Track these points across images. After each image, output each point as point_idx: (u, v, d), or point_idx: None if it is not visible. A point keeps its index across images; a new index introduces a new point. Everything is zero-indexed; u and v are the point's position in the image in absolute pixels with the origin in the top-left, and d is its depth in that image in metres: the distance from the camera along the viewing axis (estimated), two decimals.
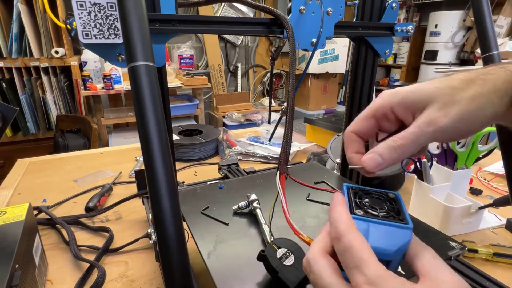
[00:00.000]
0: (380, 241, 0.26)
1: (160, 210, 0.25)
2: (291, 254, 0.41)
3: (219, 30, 0.46)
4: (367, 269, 0.24)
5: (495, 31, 0.53)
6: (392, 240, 0.26)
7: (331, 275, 0.26)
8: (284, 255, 0.41)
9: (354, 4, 0.55)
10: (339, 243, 0.26)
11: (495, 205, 0.70)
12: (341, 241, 0.25)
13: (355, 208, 0.28)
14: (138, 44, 0.28)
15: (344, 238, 0.25)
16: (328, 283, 0.25)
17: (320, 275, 0.26)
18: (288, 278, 0.39)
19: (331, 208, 0.28)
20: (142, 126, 0.27)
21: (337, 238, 0.26)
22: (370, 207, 0.29)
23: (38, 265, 0.55)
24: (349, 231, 0.26)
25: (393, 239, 0.26)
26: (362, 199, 0.29)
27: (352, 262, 0.24)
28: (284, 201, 0.35)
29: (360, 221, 0.27)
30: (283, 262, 0.40)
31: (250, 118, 3.04)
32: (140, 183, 0.75)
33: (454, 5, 2.96)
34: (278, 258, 0.41)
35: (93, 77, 2.39)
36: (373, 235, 0.26)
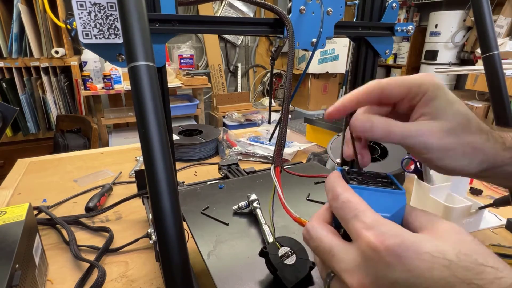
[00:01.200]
0: (375, 207, 0.26)
1: (160, 210, 0.25)
2: (293, 254, 0.41)
3: (219, 30, 0.46)
4: (364, 216, 0.24)
5: (495, 31, 0.53)
6: (387, 205, 0.27)
7: (331, 237, 0.26)
8: (286, 254, 0.41)
9: (354, 4, 0.55)
10: (336, 200, 0.26)
11: (495, 205, 0.70)
12: (338, 198, 0.26)
13: (349, 180, 0.29)
14: (138, 44, 0.28)
15: (341, 195, 0.26)
16: (329, 244, 0.26)
17: (321, 239, 0.26)
18: (287, 277, 0.39)
19: (326, 180, 0.29)
20: (142, 126, 0.27)
21: (334, 198, 0.27)
22: (364, 181, 0.29)
23: (38, 265, 0.55)
24: (346, 189, 0.27)
25: (387, 204, 0.27)
26: (356, 177, 0.30)
27: (350, 213, 0.25)
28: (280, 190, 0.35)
29: (355, 188, 0.27)
30: (283, 261, 0.40)
31: (250, 118, 3.04)
32: (140, 183, 0.75)
33: (454, 5, 2.96)
34: (279, 256, 0.41)
35: (93, 77, 2.39)
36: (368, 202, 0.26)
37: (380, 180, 0.30)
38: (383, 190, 0.27)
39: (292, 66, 0.46)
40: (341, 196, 0.26)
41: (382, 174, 0.31)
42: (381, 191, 0.27)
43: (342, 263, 0.24)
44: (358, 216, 0.24)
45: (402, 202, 0.27)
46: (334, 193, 0.27)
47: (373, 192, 0.27)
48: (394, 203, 0.27)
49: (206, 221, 0.53)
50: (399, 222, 0.27)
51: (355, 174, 0.31)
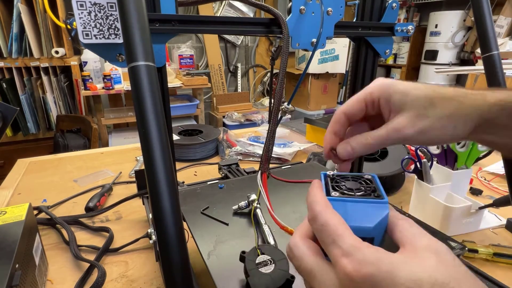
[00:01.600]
0: (357, 219, 0.26)
1: (160, 210, 0.25)
2: (272, 263, 0.40)
3: (219, 30, 0.46)
4: (341, 242, 0.24)
5: (495, 31, 0.53)
6: (369, 216, 0.26)
7: (312, 257, 0.26)
8: (264, 262, 0.40)
9: (354, 4, 0.55)
10: (315, 223, 0.26)
11: (495, 205, 0.70)
12: (317, 220, 0.26)
13: (332, 191, 0.29)
14: (138, 44, 0.28)
15: (320, 217, 0.26)
16: (310, 265, 0.26)
17: (302, 258, 0.26)
18: (256, 285, 0.38)
19: (308, 193, 0.29)
20: (142, 126, 0.27)
21: (313, 219, 0.27)
22: (347, 189, 0.29)
23: (38, 265, 0.55)
24: (324, 210, 0.26)
25: (370, 215, 0.26)
26: (339, 183, 0.30)
27: (328, 238, 0.25)
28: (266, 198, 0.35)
29: (336, 201, 0.27)
30: (259, 268, 0.39)
31: (250, 118, 3.04)
32: (140, 183, 0.75)
33: (454, 5, 2.96)
34: (256, 263, 0.40)
35: (93, 77, 2.39)
36: (350, 214, 0.26)
37: (364, 185, 0.29)
38: (365, 201, 0.27)
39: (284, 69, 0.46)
40: (319, 217, 0.26)
41: (366, 176, 0.31)
42: (363, 201, 0.27)
43: (322, 285, 0.25)
44: (335, 241, 0.24)
45: (383, 211, 0.27)
46: (313, 212, 0.27)
47: (355, 204, 0.27)
48: (377, 213, 0.27)
49: (206, 221, 0.53)
50: (382, 231, 0.27)
51: (339, 180, 0.31)
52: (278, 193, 0.61)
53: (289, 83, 3.64)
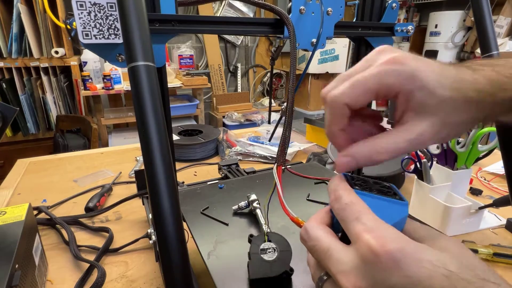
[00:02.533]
0: (377, 214, 0.26)
1: (160, 210, 0.25)
2: (275, 252, 0.40)
3: (219, 30, 0.46)
4: (366, 219, 0.24)
5: (495, 31, 0.53)
6: (388, 215, 0.26)
7: (330, 238, 0.26)
8: (268, 249, 0.40)
9: (354, 4, 0.55)
10: (339, 202, 0.26)
11: (495, 205, 0.70)
12: (341, 199, 0.26)
13: (353, 185, 0.29)
14: (138, 44, 0.28)
15: (344, 197, 0.26)
16: (327, 244, 0.25)
17: (319, 239, 0.26)
18: (253, 269, 0.38)
19: (330, 182, 0.28)
20: (142, 126, 0.27)
21: (337, 199, 0.26)
22: (367, 188, 0.29)
23: (38, 265, 0.55)
24: (349, 193, 0.26)
25: (389, 214, 0.26)
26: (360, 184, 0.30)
27: (352, 215, 0.25)
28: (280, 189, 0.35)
29: (358, 194, 0.27)
30: (261, 254, 0.40)
31: (250, 118, 3.04)
32: (140, 183, 0.75)
33: (454, 5, 2.96)
34: (260, 249, 0.40)
35: (93, 77, 2.39)
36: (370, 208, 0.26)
37: (383, 189, 0.29)
38: (386, 199, 0.27)
39: (295, 66, 0.46)
40: (344, 197, 0.26)
41: (386, 184, 0.31)
42: (384, 199, 0.27)
43: (339, 264, 0.24)
44: (360, 218, 0.24)
45: (404, 212, 0.27)
46: (337, 194, 0.26)
47: (376, 200, 0.27)
48: (396, 213, 0.27)
49: (206, 221, 0.53)
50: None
51: (359, 181, 0.30)
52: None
53: (289, 83, 3.64)
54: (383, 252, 0.21)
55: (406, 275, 0.21)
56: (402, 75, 0.26)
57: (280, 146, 0.41)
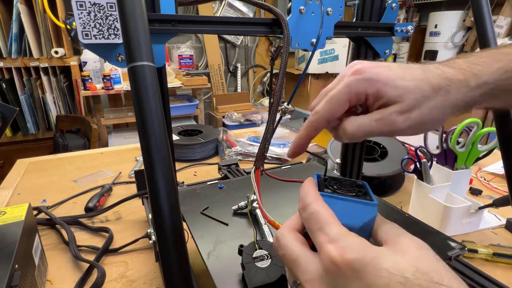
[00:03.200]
0: (345, 217, 0.26)
1: (160, 210, 0.25)
2: (268, 258, 0.40)
3: (219, 30, 0.46)
4: (329, 229, 0.25)
5: (495, 31, 0.53)
6: (356, 216, 0.27)
7: (297, 246, 0.27)
8: (261, 256, 0.41)
9: (354, 4, 0.55)
10: (305, 211, 0.27)
11: (495, 205, 0.70)
12: (307, 209, 0.27)
13: (323, 188, 0.29)
14: (138, 44, 0.28)
15: (310, 206, 0.27)
16: (295, 253, 0.26)
17: (288, 247, 0.27)
18: (251, 278, 0.38)
19: (301, 187, 0.29)
20: (142, 126, 0.27)
21: (303, 208, 0.27)
22: (339, 189, 0.29)
23: (38, 265, 0.55)
24: (315, 201, 0.27)
25: (358, 215, 0.27)
26: (332, 185, 0.30)
27: (316, 225, 0.25)
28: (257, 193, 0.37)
29: (327, 197, 0.28)
30: (255, 262, 0.40)
31: (250, 118, 3.04)
32: (140, 183, 0.75)
33: (454, 5, 2.96)
34: (253, 257, 0.41)
35: (93, 77, 2.39)
36: (338, 212, 0.26)
37: (355, 189, 0.30)
38: (355, 200, 0.27)
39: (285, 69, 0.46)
40: (309, 206, 0.27)
41: (359, 182, 0.31)
42: (353, 201, 0.27)
43: (306, 273, 0.25)
44: (322, 228, 0.25)
45: (372, 213, 0.27)
46: (304, 202, 0.27)
47: (344, 202, 0.27)
48: (364, 214, 0.27)
49: (206, 221, 0.53)
50: (368, 233, 0.27)
51: (332, 181, 0.31)
52: (276, 193, 0.61)
53: (289, 83, 3.64)
54: (343, 262, 0.23)
55: (365, 284, 0.22)
56: (364, 81, 0.30)
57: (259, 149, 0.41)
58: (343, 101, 0.31)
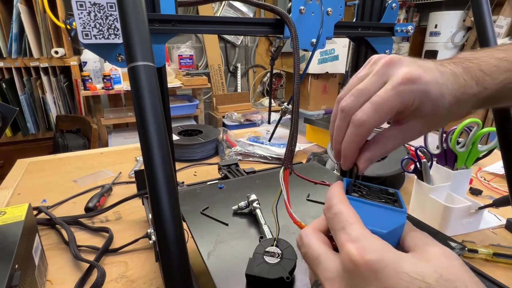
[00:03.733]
0: (372, 222, 0.26)
1: (160, 210, 0.25)
2: (278, 257, 0.41)
3: (219, 30, 0.46)
4: (351, 229, 0.25)
5: (495, 31, 0.53)
6: (384, 221, 0.26)
7: (320, 245, 0.27)
8: (272, 253, 0.41)
9: (354, 4, 0.55)
10: (329, 212, 0.27)
11: (495, 205, 0.70)
12: (331, 209, 0.27)
13: (352, 191, 0.29)
14: (138, 44, 0.28)
15: (335, 207, 0.27)
16: (317, 251, 0.26)
17: (310, 246, 0.27)
18: (252, 267, 0.39)
19: (328, 189, 0.30)
20: (142, 126, 0.27)
21: (328, 208, 0.27)
22: (367, 194, 0.29)
23: (38, 265, 0.55)
24: (340, 202, 0.27)
25: (385, 221, 0.26)
26: (360, 190, 0.30)
27: (339, 224, 0.26)
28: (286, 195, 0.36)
29: (353, 201, 0.28)
30: (264, 256, 0.41)
31: (250, 118, 3.04)
32: (140, 183, 0.75)
33: (454, 5, 2.96)
34: (265, 250, 0.41)
35: (93, 77, 2.39)
36: (366, 216, 0.26)
37: (385, 196, 0.29)
38: (383, 206, 0.27)
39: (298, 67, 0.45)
40: (334, 207, 0.27)
41: (390, 191, 0.30)
42: (381, 206, 0.27)
43: (326, 271, 0.25)
44: (345, 228, 0.25)
45: (401, 220, 0.27)
46: (329, 203, 0.27)
47: (372, 207, 0.27)
48: (393, 220, 0.27)
49: (206, 221, 0.53)
50: (396, 241, 0.27)
51: (362, 186, 0.30)
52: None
53: (289, 83, 3.64)
54: (363, 263, 0.22)
55: (384, 286, 0.22)
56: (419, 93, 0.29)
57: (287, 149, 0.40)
58: (393, 110, 0.29)
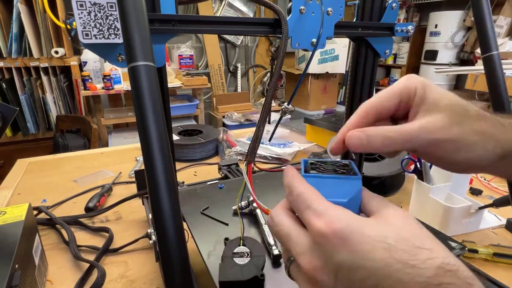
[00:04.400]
0: (331, 194, 0.27)
1: (160, 210, 0.25)
2: (248, 256, 0.41)
3: (219, 30, 0.46)
4: (315, 205, 0.26)
5: (495, 31, 0.53)
6: (343, 191, 0.28)
7: (290, 222, 0.28)
8: (241, 253, 0.41)
9: (354, 4, 0.55)
10: (291, 195, 0.28)
11: (495, 205, 0.70)
12: (292, 192, 0.28)
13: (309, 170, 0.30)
14: (138, 44, 0.28)
15: (295, 189, 0.28)
16: (287, 228, 0.28)
17: (281, 223, 0.28)
18: (224, 272, 0.39)
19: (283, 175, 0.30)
20: (142, 126, 0.27)
21: (289, 192, 0.28)
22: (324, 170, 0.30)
23: (38, 265, 0.55)
24: (299, 183, 0.28)
25: (344, 190, 0.28)
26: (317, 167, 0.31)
27: (303, 204, 0.27)
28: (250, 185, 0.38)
29: (312, 178, 0.29)
30: (234, 258, 0.40)
31: (250, 118, 3.04)
32: (140, 183, 0.75)
33: (454, 5, 2.96)
34: (233, 252, 0.41)
35: (93, 77, 2.39)
36: (325, 190, 0.28)
37: (340, 168, 0.31)
38: (340, 177, 0.29)
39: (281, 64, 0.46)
40: (294, 189, 0.28)
41: (344, 162, 0.32)
42: (338, 178, 0.29)
43: (297, 246, 0.26)
44: (310, 206, 0.26)
45: (357, 187, 0.28)
46: (289, 187, 0.28)
47: (329, 180, 0.29)
48: (350, 188, 0.28)
49: (206, 221, 0.53)
50: (357, 207, 0.28)
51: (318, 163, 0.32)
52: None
53: (289, 83, 3.64)
54: (330, 232, 0.24)
55: (351, 250, 0.23)
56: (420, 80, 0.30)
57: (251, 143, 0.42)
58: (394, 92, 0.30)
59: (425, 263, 0.22)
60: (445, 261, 0.22)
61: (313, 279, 0.25)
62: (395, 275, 0.22)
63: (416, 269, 0.22)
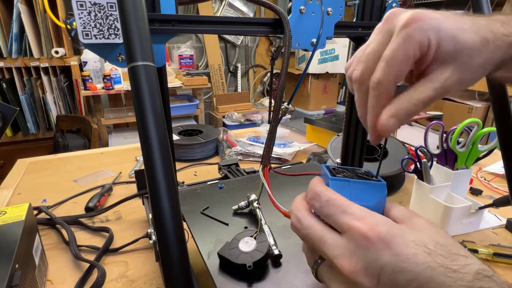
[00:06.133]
0: (359, 198, 0.28)
1: (160, 210, 0.25)
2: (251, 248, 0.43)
3: (219, 30, 0.46)
4: (352, 210, 0.26)
5: None
6: (369, 196, 0.29)
7: (322, 226, 0.28)
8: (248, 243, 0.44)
9: (354, 4, 0.55)
10: (319, 199, 0.28)
11: (495, 205, 0.70)
12: (320, 197, 0.28)
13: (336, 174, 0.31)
14: (138, 44, 0.28)
15: (323, 194, 0.28)
16: (321, 231, 0.28)
17: (312, 227, 0.28)
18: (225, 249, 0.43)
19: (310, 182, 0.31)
20: (142, 126, 0.27)
21: (315, 198, 0.29)
22: (348, 175, 0.32)
23: (38, 265, 0.55)
24: (326, 189, 0.29)
25: (370, 194, 0.29)
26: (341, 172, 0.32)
27: (337, 209, 0.27)
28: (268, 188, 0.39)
29: (339, 181, 0.30)
30: (240, 242, 0.44)
31: (250, 118, 3.04)
32: (140, 183, 0.75)
33: (454, 5, 2.96)
34: (242, 239, 0.44)
35: (93, 77, 2.39)
36: (351, 194, 0.29)
37: (362, 175, 0.32)
38: (366, 182, 0.30)
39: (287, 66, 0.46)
40: (322, 194, 0.28)
41: (364, 170, 0.33)
42: (364, 183, 0.30)
43: (334, 249, 0.27)
44: (346, 210, 0.27)
45: (383, 192, 0.29)
46: (315, 192, 0.29)
47: (358, 184, 0.29)
48: (376, 193, 0.29)
49: (206, 221, 0.53)
50: (381, 212, 0.29)
51: (340, 169, 0.33)
52: (281, 191, 0.61)
53: (289, 83, 3.64)
54: (375, 236, 0.25)
55: (395, 254, 0.24)
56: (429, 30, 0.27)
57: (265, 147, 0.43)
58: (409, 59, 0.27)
59: (464, 268, 0.23)
60: (481, 267, 0.24)
61: (352, 282, 0.25)
62: (438, 278, 0.23)
63: (457, 274, 0.23)
